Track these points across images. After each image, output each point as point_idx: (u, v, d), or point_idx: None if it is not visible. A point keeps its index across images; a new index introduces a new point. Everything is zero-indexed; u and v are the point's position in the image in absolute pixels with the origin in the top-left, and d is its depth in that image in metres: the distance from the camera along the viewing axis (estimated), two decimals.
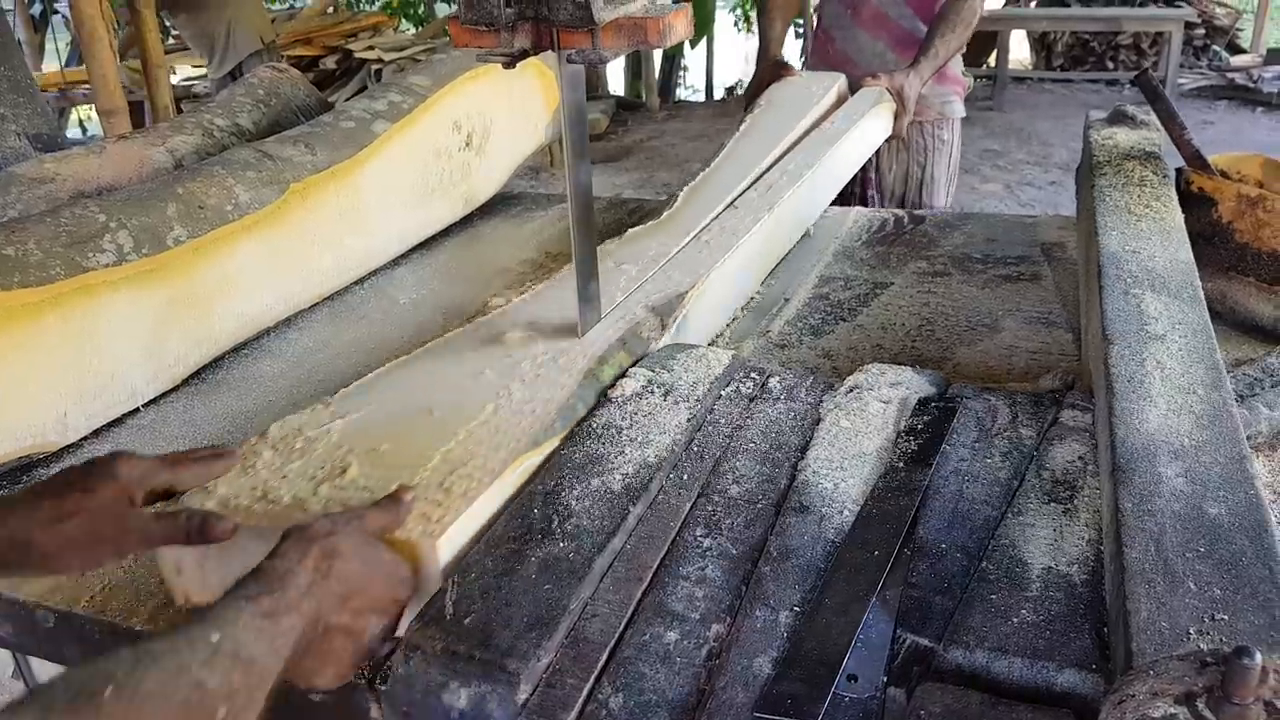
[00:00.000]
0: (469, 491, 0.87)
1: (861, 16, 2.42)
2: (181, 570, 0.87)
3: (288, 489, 0.89)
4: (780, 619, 0.75)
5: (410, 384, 1.07)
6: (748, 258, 1.46)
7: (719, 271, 1.35)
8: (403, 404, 1.03)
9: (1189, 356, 0.93)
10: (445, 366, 1.10)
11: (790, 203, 1.58)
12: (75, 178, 1.46)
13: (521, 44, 1.03)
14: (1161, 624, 0.63)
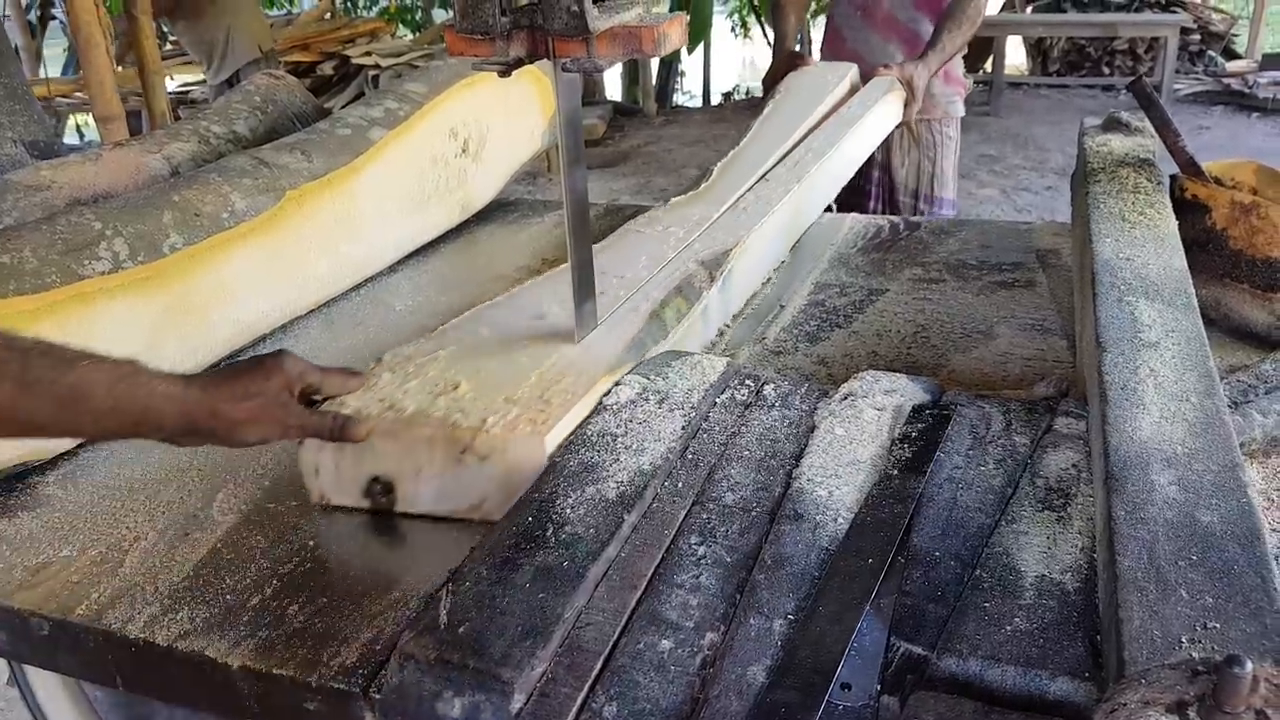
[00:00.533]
0: (565, 402, 1.03)
1: (874, 19, 2.54)
2: (319, 471, 1.04)
3: (410, 400, 1.05)
4: (774, 627, 0.75)
5: (501, 321, 1.25)
6: (780, 224, 1.64)
7: (757, 233, 1.54)
8: (497, 337, 1.21)
9: (1182, 364, 0.94)
10: (527, 310, 1.28)
11: (815, 177, 1.78)
12: (71, 185, 1.46)
13: (517, 52, 1.03)
14: (1154, 632, 0.63)
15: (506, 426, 0.99)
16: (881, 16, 2.54)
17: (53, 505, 1.09)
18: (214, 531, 1.02)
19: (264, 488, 1.09)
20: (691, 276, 1.36)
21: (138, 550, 1.01)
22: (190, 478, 1.12)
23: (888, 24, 2.53)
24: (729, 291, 1.45)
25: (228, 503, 1.07)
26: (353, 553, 0.98)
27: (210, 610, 0.90)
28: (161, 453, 1.17)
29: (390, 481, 1.01)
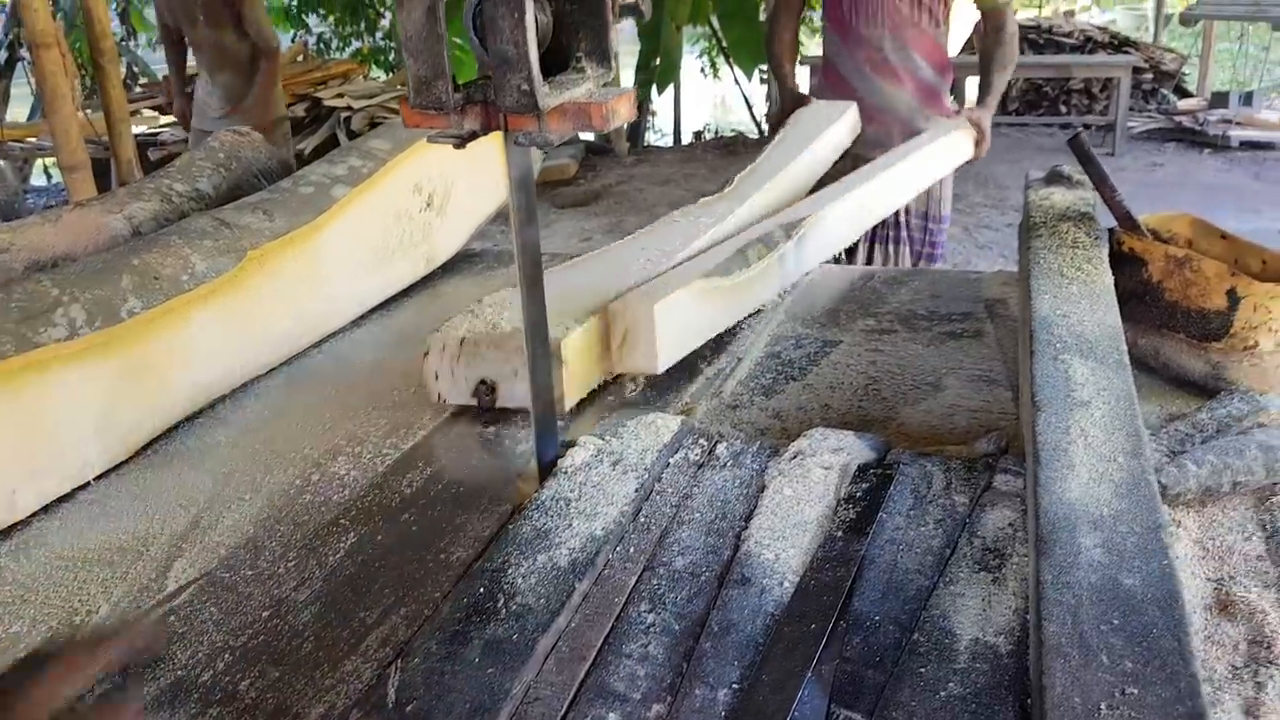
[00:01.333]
0: (666, 294, 1.36)
1: (881, 71, 2.70)
2: (439, 376, 1.34)
3: (508, 323, 1.34)
4: (719, 697, 0.77)
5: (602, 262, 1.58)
6: (848, 209, 1.87)
7: (830, 209, 1.78)
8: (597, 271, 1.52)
9: (1111, 423, 0.97)
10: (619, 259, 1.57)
11: (884, 180, 2.01)
12: (30, 248, 1.47)
13: (471, 126, 1.06)
14: (1074, 699, 0.66)
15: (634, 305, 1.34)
16: (888, 68, 2.69)
17: (4, 578, 1.09)
18: (168, 603, 1.03)
19: (219, 556, 1.09)
20: (771, 233, 1.63)
21: (90, 625, 1.01)
22: (147, 547, 1.12)
23: (895, 74, 2.69)
24: (803, 251, 1.72)
25: (184, 572, 1.08)
26: (306, 623, 0.99)
27: (161, 686, 0.91)
28: (117, 521, 1.18)
29: (494, 383, 1.30)
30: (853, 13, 2.73)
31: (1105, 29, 9.75)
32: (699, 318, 1.47)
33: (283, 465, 1.27)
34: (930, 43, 2.69)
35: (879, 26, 2.69)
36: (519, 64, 0.99)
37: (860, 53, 2.72)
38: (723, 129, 11.02)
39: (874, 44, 2.70)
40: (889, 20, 2.67)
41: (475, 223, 2.08)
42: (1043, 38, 8.97)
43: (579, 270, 1.55)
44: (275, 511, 1.17)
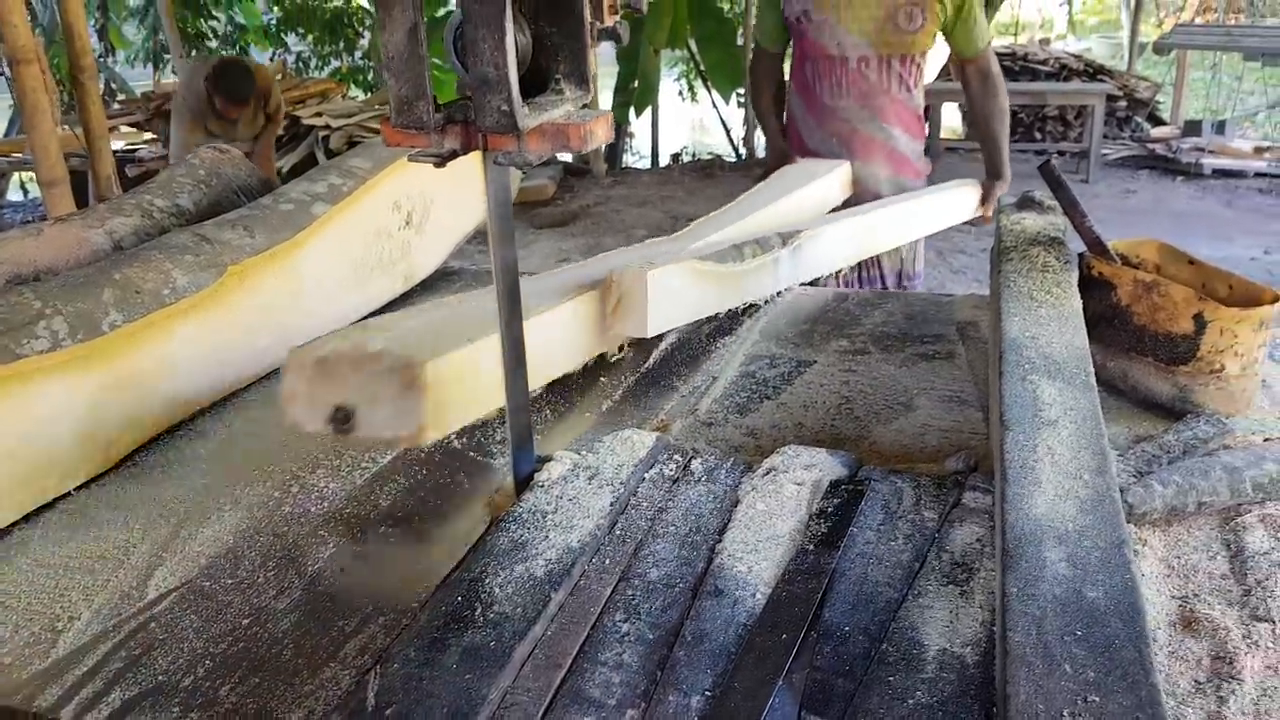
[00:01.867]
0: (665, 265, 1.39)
1: (851, 144, 2.49)
2: (296, 398, 1.10)
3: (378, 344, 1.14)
4: (692, 703, 0.79)
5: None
6: (847, 232, 1.86)
7: (830, 227, 1.79)
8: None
9: (1078, 442, 0.99)
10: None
11: (888, 213, 2.01)
12: (12, 261, 1.48)
13: (451, 145, 1.08)
14: (1038, 706, 0.68)
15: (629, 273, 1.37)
16: (858, 139, 2.49)
17: None
18: (149, 611, 1.03)
19: (200, 566, 1.10)
20: (768, 238, 1.64)
21: (72, 630, 1.02)
22: (128, 556, 1.13)
23: (866, 146, 2.49)
24: (798, 260, 1.70)
25: (164, 581, 1.08)
26: (285, 630, 0.99)
27: (142, 691, 0.91)
28: (98, 530, 1.18)
29: (351, 409, 1.07)
30: (816, 81, 2.50)
31: (1080, 57, 9.91)
32: (689, 294, 1.49)
33: (262, 478, 1.28)
34: (902, 109, 2.50)
35: (845, 97, 2.47)
36: (499, 85, 1.01)
37: (828, 125, 2.51)
38: (700, 152, 11.11)
39: (841, 115, 2.49)
40: (855, 90, 2.46)
41: (453, 241, 2.10)
42: (1018, 65, 9.10)
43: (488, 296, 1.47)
44: (255, 522, 1.18)
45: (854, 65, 2.44)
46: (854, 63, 2.44)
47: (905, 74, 2.46)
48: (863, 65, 2.44)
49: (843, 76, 2.46)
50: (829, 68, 2.47)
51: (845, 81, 2.46)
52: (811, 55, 2.49)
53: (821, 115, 2.52)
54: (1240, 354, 1.33)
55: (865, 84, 2.45)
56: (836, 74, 2.46)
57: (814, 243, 1.77)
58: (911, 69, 2.46)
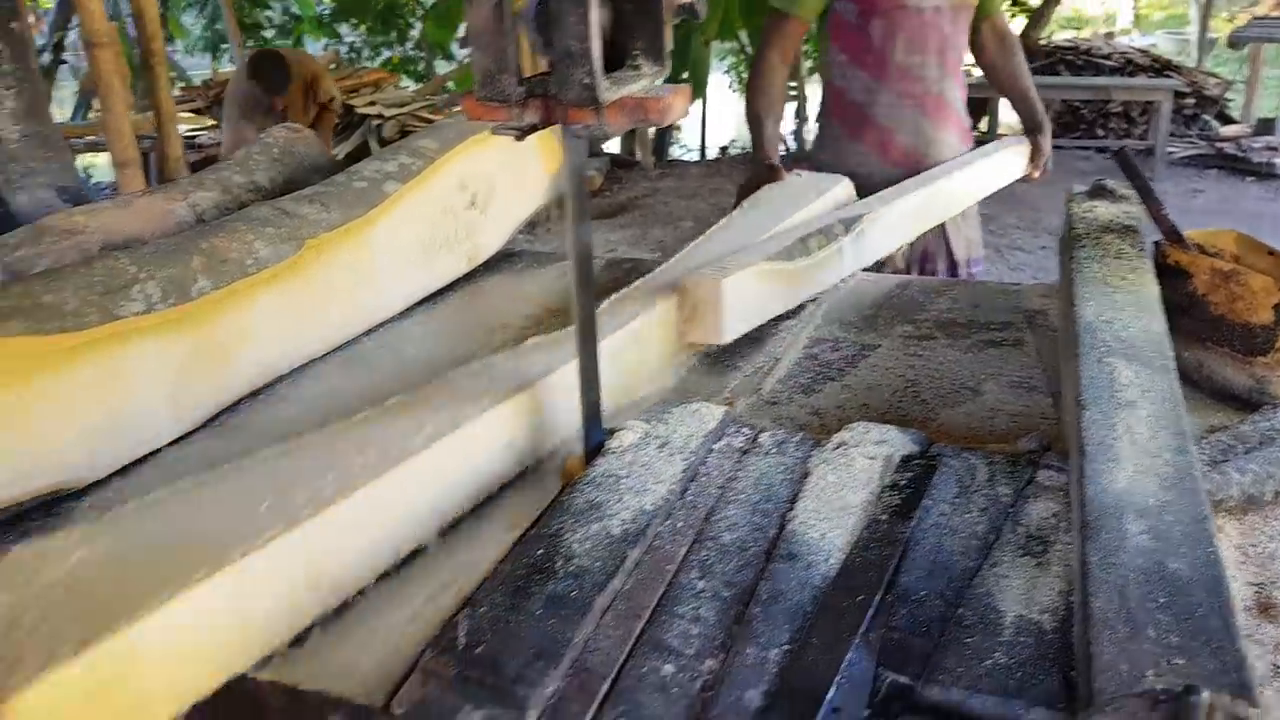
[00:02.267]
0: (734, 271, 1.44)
1: (927, 108, 2.32)
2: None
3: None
4: (770, 656, 0.80)
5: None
6: (908, 208, 1.96)
7: (889, 208, 1.87)
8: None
9: (1157, 423, 1.00)
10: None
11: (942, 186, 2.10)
12: (103, 230, 1.53)
13: (531, 119, 1.10)
14: (1122, 666, 0.69)
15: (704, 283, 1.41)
16: (934, 103, 2.32)
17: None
18: None
19: None
20: (831, 226, 1.72)
21: None
22: None
23: (941, 109, 2.33)
24: (861, 245, 1.79)
25: None
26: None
27: None
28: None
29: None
30: (888, 39, 2.26)
31: (1146, 52, 9.73)
32: (761, 296, 1.55)
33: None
34: (960, 67, 2.34)
35: (922, 52, 2.26)
36: (582, 59, 1.03)
37: (900, 85, 2.28)
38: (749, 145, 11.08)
39: (915, 74, 2.27)
40: (933, 44, 2.25)
41: (515, 223, 2.13)
42: (1081, 59, 8.96)
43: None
44: None
45: (929, 16, 2.25)
46: (929, 13, 2.24)
47: (965, 26, 2.33)
48: (938, 16, 2.26)
49: (919, 29, 2.24)
50: (904, 20, 2.24)
51: (923, 35, 2.25)
52: (883, 8, 2.24)
53: (894, 76, 2.28)
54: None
55: (940, 37, 2.26)
56: (913, 26, 2.24)
57: (875, 226, 1.83)
58: (968, 21, 2.33)
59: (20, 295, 1.21)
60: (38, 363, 1.15)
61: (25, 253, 1.45)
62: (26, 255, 1.45)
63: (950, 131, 2.36)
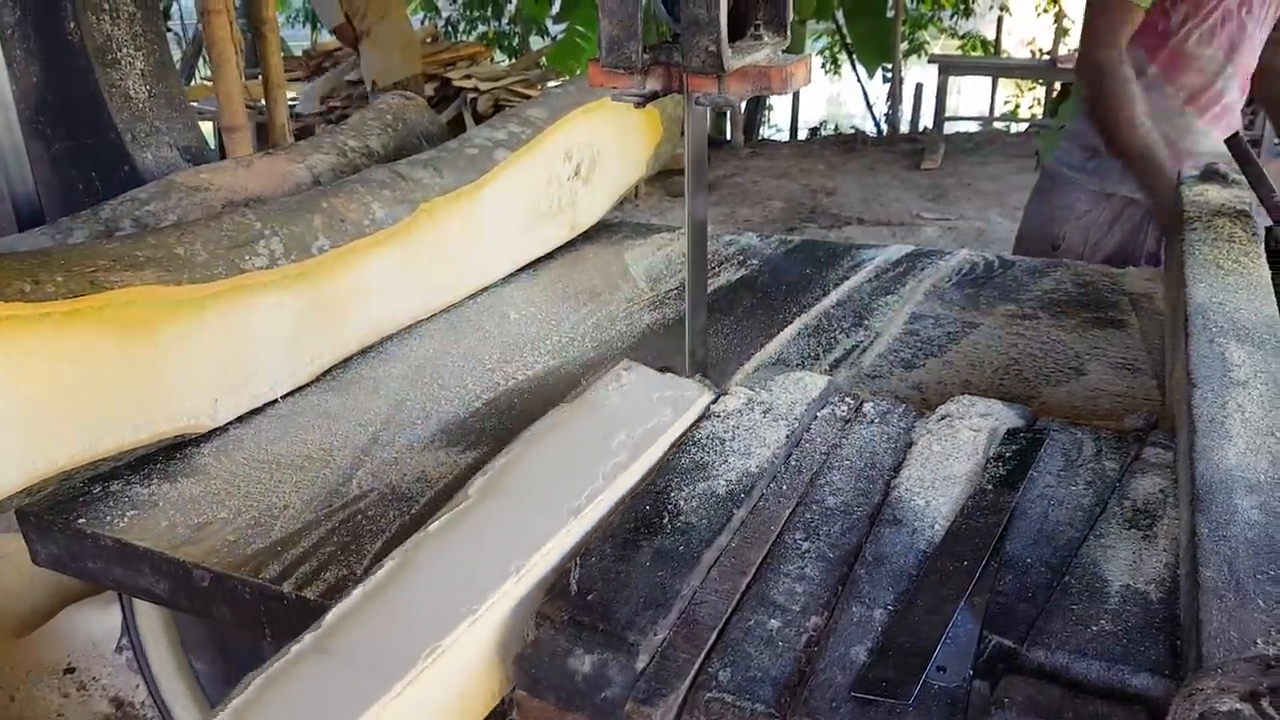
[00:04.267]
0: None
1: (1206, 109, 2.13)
2: None
3: None
4: (875, 615, 0.82)
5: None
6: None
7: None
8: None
9: (1269, 403, 0.99)
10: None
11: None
12: (226, 188, 1.60)
13: (653, 86, 1.13)
14: (1231, 633, 0.69)
15: None
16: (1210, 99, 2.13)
17: (209, 473, 1.21)
18: (354, 505, 1.13)
19: (398, 469, 1.19)
20: None
21: (285, 517, 1.12)
22: (332, 457, 1.23)
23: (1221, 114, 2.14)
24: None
25: (365, 481, 1.18)
26: None
27: (353, 571, 1.00)
28: (304, 434, 1.29)
29: None
30: (1184, 25, 2.04)
31: None
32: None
33: (449, 397, 1.37)
34: (1250, 70, 2.11)
35: (1211, 44, 2.05)
36: (709, 26, 1.05)
37: (1180, 78, 2.09)
38: (842, 125, 10.96)
39: (1202, 67, 2.07)
40: (1225, 35, 2.04)
41: (616, 194, 2.16)
42: None
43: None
44: (448, 436, 1.26)
45: (1234, 7, 2.03)
46: (1234, 4, 2.03)
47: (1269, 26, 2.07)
48: (1243, 10, 2.03)
49: (1219, 21, 2.04)
50: (1205, 10, 2.03)
51: (1221, 27, 2.04)
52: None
53: (1176, 64, 2.08)
54: None
55: (1240, 33, 2.05)
56: (1214, 17, 2.03)
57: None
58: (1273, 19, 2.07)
59: (155, 245, 1.27)
60: (169, 311, 1.22)
61: (155, 207, 1.53)
62: (156, 209, 1.53)
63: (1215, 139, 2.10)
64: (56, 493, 1.18)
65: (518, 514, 0.94)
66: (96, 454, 1.17)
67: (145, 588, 1.12)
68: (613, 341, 1.56)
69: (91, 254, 1.19)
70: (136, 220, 1.50)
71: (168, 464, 1.24)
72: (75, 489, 1.19)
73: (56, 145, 1.86)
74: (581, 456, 1.04)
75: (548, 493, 0.98)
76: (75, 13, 1.74)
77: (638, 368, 1.22)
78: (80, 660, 2.38)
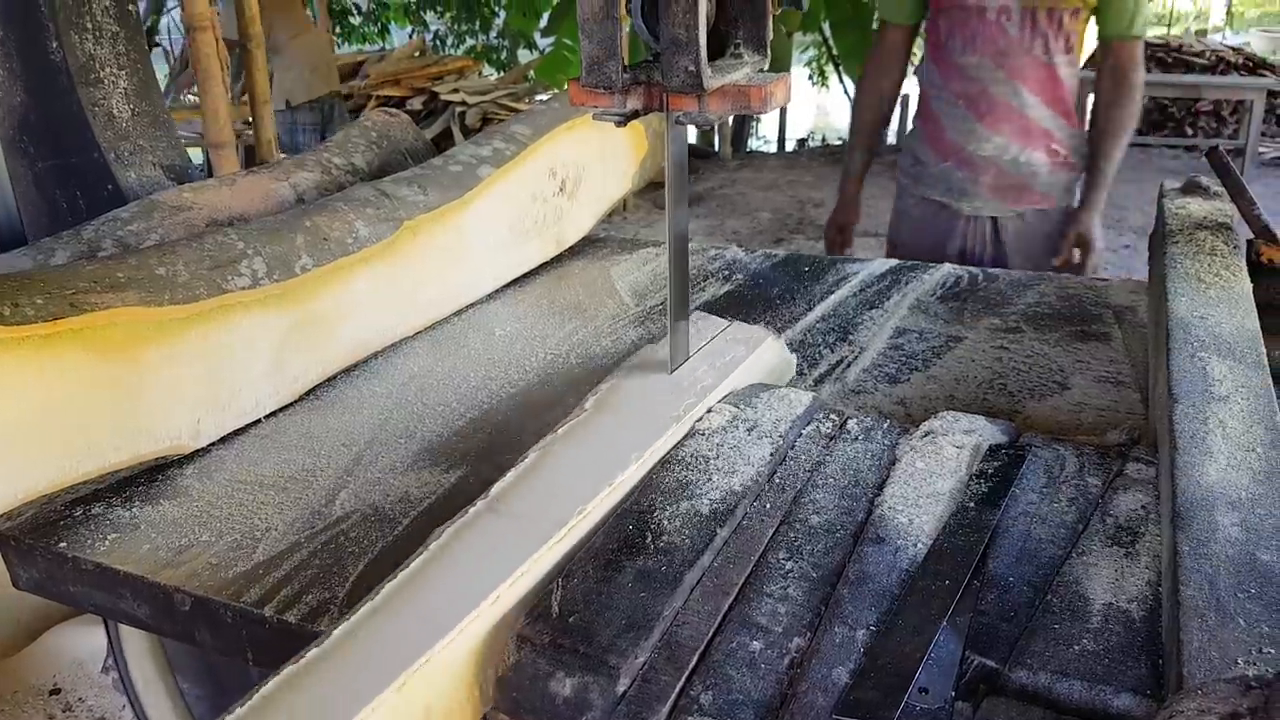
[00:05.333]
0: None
1: (977, 108, 2.33)
2: None
3: None
4: (857, 636, 0.82)
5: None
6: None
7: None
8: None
9: (1250, 417, 0.99)
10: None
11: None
12: (210, 206, 1.60)
13: (634, 105, 1.13)
14: (1212, 653, 0.69)
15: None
16: (988, 104, 2.32)
17: (191, 495, 1.21)
18: (337, 526, 1.12)
19: (381, 490, 1.19)
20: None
21: (268, 539, 1.11)
22: (315, 478, 1.22)
23: (994, 111, 2.32)
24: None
25: (348, 502, 1.17)
26: None
27: (335, 594, 1.00)
28: (287, 454, 1.28)
29: None
30: (950, 37, 2.32)
31: (1239, 50, 9.44)
32: None
33: (433, 416, 1.36)
34: (1045, 76, 2.28)
35: (977, 52, 2.28)
36: (689, 46, 1.05)
37: (954, 84, 2.34)
38: (829, 136, 11.01)
39: (969, 73, 2.31)
40: (990, 45, 2.26)
41: (602, 210, 2.16)
42: (1171, 57, 8.73)
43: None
44: (431, 455, 1.26)
45: (992, 17, 2.24)
46: (993, 13, 2.24)
47: (1051, 34, 2.23)
48: (1003, 18, 2.23)
49: (978, 29, 2.25)
50: (964, 19, 2.28)
51: (980, 35, 2.25)
52: (946, 7, 2.31)
53: (950, 74, 2.33)
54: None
55: (1003, 39, 2.24)
56: (972, 26, 2.26)
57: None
58: (1058, 29, 2.22)
59: (136, 266, 1.27)
60: (150, 333, 1.21)
61: (137, 227, 1.53)
62: (138, 229, 1.52)
63: (1005, 137, 2.33)
64: (37, 516, 1.17)
65: (631, 421, 1.15)
66: (77, 477, 1.17)
67: (127, 612, 1.11)
68: (598, 358, 1.56)
69: (71, 276, 1.19)
70: (119, 240, 1.50)
71: (149, 486, 1.23)
72: (56, 512, 1.18)
73: (40, 165, 1.86)
74: (672, 381, 1.24)
75: (653, 405, 1.18)
76: (57, 32, 1.74)
77: (707, 316, 1.40)
78: (66, 681, 2.36)
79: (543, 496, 1.00)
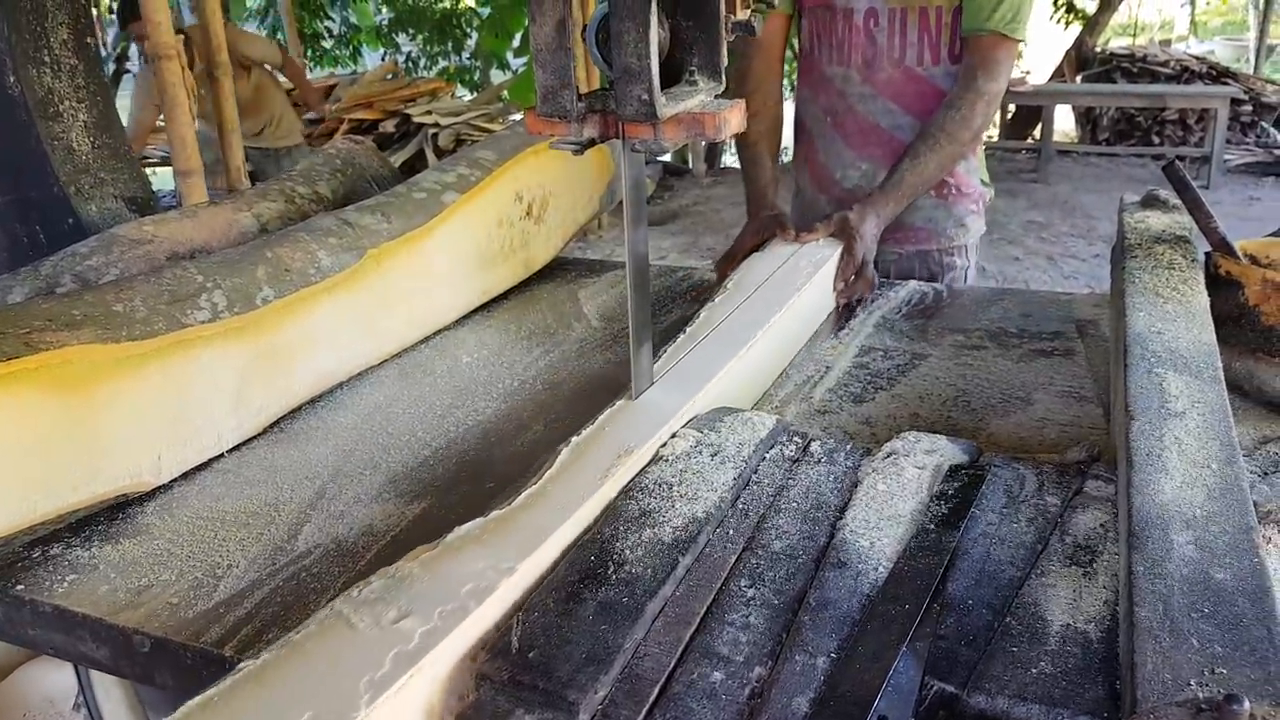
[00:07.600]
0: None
1: (843, 124, 2.02)
2: None
3: None
4: (818, 664, 0.82)
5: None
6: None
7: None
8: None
9: (1205, 433, 1.00)
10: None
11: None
12: (171, 239, 1.59)
13: (590, 134, 1.13)
14: (1165, 675, 0.69)
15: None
16: (854, 123, 2.00)
17: (152, 533, 1.19)
18: (300, 562, 1.11)
19: (345, 523, 1.18)
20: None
21: (229, 577, 1.10)
22: (278, 513, 1.21)
23: (863, 133, 2.00)
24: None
25: (312, 537, 1.16)
26: None
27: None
28: (250, 489, 1.27)
29: None
30: (815, 42, 2.00)
31: (1203, 59, 9.58)
32: None
33: (398, 446, 1.36)
34: (921, 89, 1.92)
35: (844, 64, 1.95)
36: (641, 75, 1.06)
37: (822, 99, 2.02)
38: None
39: (837, 87, 1.99)
40: (857, 54, 1.93)
41: (569, 233, 2.17)
42: (1137, 66, 8.85)
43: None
44: (395, 486, 1.25)
45: (860, 20, 1.91)
46: (860, 17, 1.90)
47: (925, 39, 1.88)
48: (870, 22, 1.90)
49: (846, 36, 1.92)
50: (829, 24, 1.95)
51: (848, 43, 1.92)
52: (810, 5, 2.00)
53: (817, 85, 2.02)
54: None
55: (871, 48, 1.90)
56: (838, 33, 1.93)
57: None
58: (934, 33, 1.87)
59: (92, 303, 1.26)
60: (108, 370, 1.20)
61: (96, 261, 1.51)
62: (97, 264, 1.51)
63: (875, 164, 1.99)
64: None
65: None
66: (35, 518, 1.15)
67: (86, 654, 1.09)
68: (565, 383, 1.55)
69: (26, 314, 1.18)
70: (78, 275, 1.48)
71: (109, 525, 1.22)
72: (14, 554, 1.16)
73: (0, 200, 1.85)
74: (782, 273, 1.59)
75: (771, 286, 1.58)
76: (14, 66, 1.73)
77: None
78: (37, 718, 2.32)
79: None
